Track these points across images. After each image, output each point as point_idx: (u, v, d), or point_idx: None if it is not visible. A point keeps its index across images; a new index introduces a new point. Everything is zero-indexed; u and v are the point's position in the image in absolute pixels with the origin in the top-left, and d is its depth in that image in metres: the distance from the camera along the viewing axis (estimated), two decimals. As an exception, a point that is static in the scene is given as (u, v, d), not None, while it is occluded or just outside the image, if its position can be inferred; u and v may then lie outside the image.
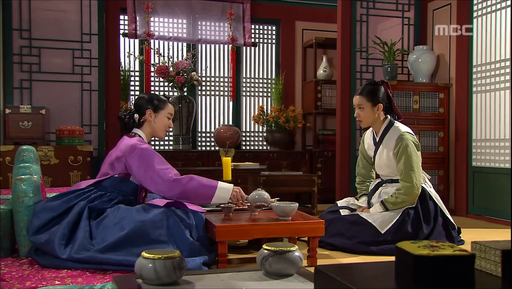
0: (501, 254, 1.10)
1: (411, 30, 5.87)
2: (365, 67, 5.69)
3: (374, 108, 3.49)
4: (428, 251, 0.99)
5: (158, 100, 3.04)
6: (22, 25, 4.80)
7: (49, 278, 2.23)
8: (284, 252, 1.78)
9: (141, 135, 2.99)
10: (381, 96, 3.51)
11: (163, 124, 3.05)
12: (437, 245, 1.06)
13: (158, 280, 1.61)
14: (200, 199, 2.82)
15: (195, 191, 2.80)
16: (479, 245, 1.18)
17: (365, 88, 3.54)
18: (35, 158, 3.02)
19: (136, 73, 6.21)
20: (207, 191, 2.82)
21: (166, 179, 2.77)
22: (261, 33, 6.72)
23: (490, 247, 1.14)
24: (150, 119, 3.00)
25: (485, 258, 1.15)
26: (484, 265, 1.16)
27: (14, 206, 2.84)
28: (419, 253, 0.99)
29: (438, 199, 3.48)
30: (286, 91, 6.53)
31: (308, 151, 6.38)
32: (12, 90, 4.77)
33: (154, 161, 2.80)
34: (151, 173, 2.77)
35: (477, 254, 1.19)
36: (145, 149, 2.83)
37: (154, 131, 3.05)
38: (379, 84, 3.55)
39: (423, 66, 5.44)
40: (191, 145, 6.13)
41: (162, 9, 6.15)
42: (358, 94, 3.53)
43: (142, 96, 3.09)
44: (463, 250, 1.03)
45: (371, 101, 3.49)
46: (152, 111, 2.99)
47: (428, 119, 5.32)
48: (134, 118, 2.98)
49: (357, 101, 3.53)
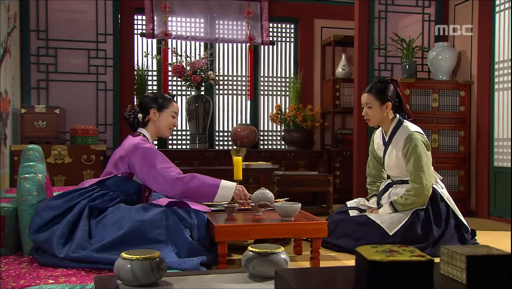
0: (466, 260, 1.03)
1: (432, 27, 5.72)
2: (383, 65, 5.58)
3: (383, 106, 3.40)
4: (382, 256, 0.93)
5: (162, 99, 3.01)
6: (40, 26, 4.88)
7: (44, 276, 2.23)
8: (268, 254, 1.73)
9: (145, 134, 2.97)
10: (390, 94, 3.41)
11: (168, 123, 3.03)
12: (397, 250, 1.00)
13: (136, 281, 1.59)
14: (203, 198, 2.80)
15: (198, 190, 2.78)
16: (447, 250, 1.11)
17: (373, 86, 3.45)
18: (40, 157, 3.04)
19: (154, 72, 6.25)
20: (210, 190, 2.80)
21: (168, 178, 2.75)
22: (279, 31, 6.66)
23: (457, 252, 1.07)
24: (155, 119, 2.98)
25: (452, 263, 1.08)
26: (451, 271, 1.09)
27: (19, 204, 2.86)
28: (372, 258, 0.93)
29: (451, 200, 3.37)
30: (304, 90, 6.46)
31: (327, 150, 6.30)
32: (30, 90, 4.85)
33: (156, 160, 2.79)
34: (154, 172, 2.76)
35: (445, 259, 1.12)
36: (148, 148, 2.82)
37: (159, 130, 3.03)
38: (388, 82, 3.45)
39: (443, 64, 5.29)
40: (208, 144, 6.12)
41: (180, 8, 6.16)
42: (366, 92, 3.44)
43: (146, 95, 3.07)
44: (422, 255, 0.97)
45: (379, 99, 3.39)
46: (156, 110, 2.97)
47: (448, 118, 5.17)
48: (138, 118, 2.97)
49: (365, 100, 3.44)
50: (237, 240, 2.84)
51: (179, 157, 5.77)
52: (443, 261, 1.12)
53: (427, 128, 5.09)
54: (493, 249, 1.07)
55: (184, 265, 2.47)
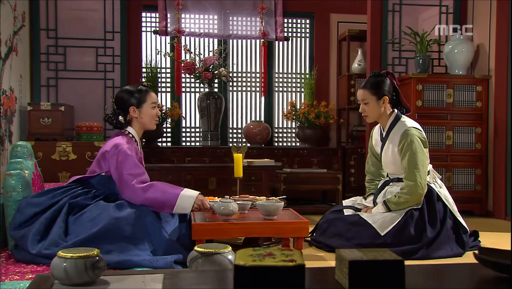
0: (348, 265, 0.94)
1: (450, 19, 5.51)
2: (397, 59, 5.42)
3: (380, 101, 3.28)
4: (247, 260, 0.86)
5: (138, 93, 2.91)
6: (49, 25, 4.94)
7: (12, 273, 2.24)
8: (212, 254, 1.67)
9: (131, 132, 2.93)
10: (386, 88, 3.28)
11: (150, 116, 2.94)
12: (275, 254, 0.92)
13: (68, 280, 1.55)
14: (165, 208, 2.67)
15: (157, 200, 2.65)
16: (339, 254, 1.02)
17: (368, 81, 3.33)
18: (28, 154, 3.07)
19: (168, 70, 6.27)
20: (169, 200, 2.66)
21: (129, 186, 2.66)
22: (294, 27, 6.56)
23: (344, 257, 0.98)
24: (136, 116, 2.93)
25: (341, 269, 0.99)
26: (340, 276, 1.00)
27: (4, 200, 2.90)
28: (237, 262, 0.86)
29: (449, 200, 3.21)
30: (319, 86, 6.34)
31: (342, 147, 6.17)
32: (39, 88, 4.93)
33: (125, 166, 2.69)
34: (121, 178, 2.70)
35: (337, 264, 1.04)
36: (122, 151, 2.74)
37: (143, 125, 2.96)
38: (383, 76, 3.33)
39: (459, 57, 5.08)
40: (221, 141, 6.08)
41: (193, 5, 6.15)
42: (362, 88, 3.32)
43: (120, 95, 2.94)
44: (292, 260, 0.89)
45: (375, 94, 3.27)
46: (135, 108, 2.90)
47: (463, 114, 4.96)
48: (120, 120, 2.91)
49: (361, 96, 3.32)
50: (215, 238, 2.78)
51: (190, 154, 5.76)
52: (336, 266, 1.03)
53: (441, 125, 4.91)
54: (387, 253, 0.98)
55: (156, 263, 2.44)
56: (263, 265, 0.85)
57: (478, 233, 3.36)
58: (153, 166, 4.46)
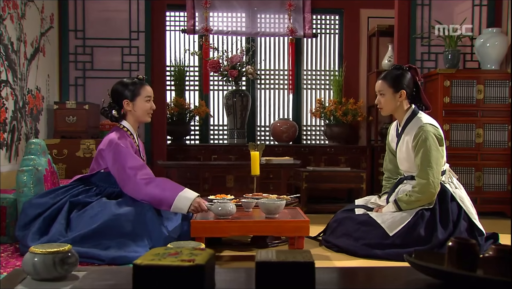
0: (255, 266, 0.91)
1: (484, 12, 5.29)
2: (426, 55, 5.25)
3: (396, 95, 3.18)
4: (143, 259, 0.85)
5: (133, 86, 2.92)
6: (77, 26, 5.08)
7: (12, 266, 2.31)
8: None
9: (126, 126, 2.97)
10: (405, 82, 3.19)
11: (144, 110, 2.94)
12: (178, 253, 0.90)
13: (37, 275, 1.58)
14: (163, 206, 2.68)
15: (156, 197, 2.66)
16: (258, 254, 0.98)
17: (388, 73, 3.26)
18: (42, 150, 3.17)
19: (196, 68, 6.32)
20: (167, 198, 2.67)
21: (131, 179, 2.68)
22: (323, 23, 6.47)
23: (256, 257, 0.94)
24: (130, 109, 2.94)
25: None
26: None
27: (17, 196, 3.00)
28: (135, 261, 0.85)
29: (464, 201, 3.07)
30: (348, 83, 6.22)
31: (371, 146, 6.04)
32: (68, 88, 5.08)
33: (124, 160, 2.72)
34: (122, 173, 2.72)
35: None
36: (119, 145, 2.77)
37: (138, 118, 2.96)
38: (405, 70, 3.23)
39: (491, 51, 4.86)
40: (247, 139, 6.08)
41: (221, 4, 6.17)
42: (380, 79, 3.25)
43: (115, 88, 2.98)
44: (192, 260, 0.86)
45: (393, 87, 3.18)
46: (129, 101, 2.92)
47: (494, 111, 4.74)
48: (113, 114, 2.96)
49: (378, 87, 3.25)
50: (213, 236, 2.78)
51: (216, 152, 5.80)
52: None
53: (470, 122, 4.72)
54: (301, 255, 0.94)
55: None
56: (158, 265, 0.84)
57: (498, 235, 3.20)
58: (169, 163, 4.51)
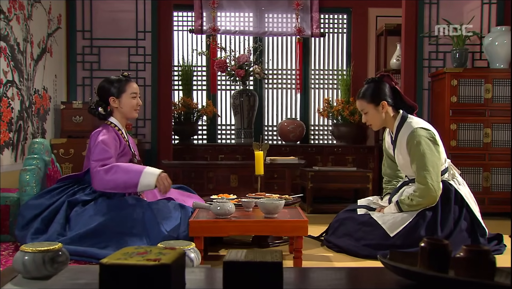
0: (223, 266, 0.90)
1: (493, 10, 5.22)
2: (434, 54, 5.20)
3: (379, 108, 3.15)
4: (110, 259, 0.85)
5: (118, 83, 2.97)
6: (85, 27, 5.12)
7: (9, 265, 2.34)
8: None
9: (113, 122, 3.00)
10: (383, 93, 3.15)
11: (130, 106, 2.99)
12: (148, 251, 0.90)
13: (27, 273, 1.59)
14: (130, 188, 2.71)
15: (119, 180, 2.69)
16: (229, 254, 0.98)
17: (364, 91, 3.21)
18: (45, 150, 3.22)
19: (203, 68, 6.33)
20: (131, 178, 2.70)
21: (93, 171, 2.73)
22: (330, 22, 6.44)
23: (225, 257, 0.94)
24: (116, 106, 2.98)
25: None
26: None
27: (20, 195, 3.04)
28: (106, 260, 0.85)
29: (469, 199, 3.03)
30: (356, 82, 6.18)
31: (379, 146, 5.99)
32: (76, 88, 5.12)
33: (93, 153, 2.77)
34: (90, 166, 2.77)
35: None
36: (96, 140, 2.81)
37: (125, 114, 3.01)
38: (377, 81, 3.19)
39: (500, 50, 4.79)
40: (254, 138, 6.07)
41: (228, 4, 6.17)
42: (359, 99, 3.22)
43: (101, 85, 3.03)
44: (158, 259, 0.86)
45: (372, 102, 3.15)
46: (115, 98, 2.96)
47: (503, 110, 4.68)
48: (100, 112, 2.99)
49: (359, 107, 3.24)
50: (212, 235, 2.78)
51: (224, 151, 5.80)
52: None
53: (478, 122, 4.67)
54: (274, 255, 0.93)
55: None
56: (122, 264, 0.84)
57: (502, 236, 3.16)
58: (174, 163, 4.52)
